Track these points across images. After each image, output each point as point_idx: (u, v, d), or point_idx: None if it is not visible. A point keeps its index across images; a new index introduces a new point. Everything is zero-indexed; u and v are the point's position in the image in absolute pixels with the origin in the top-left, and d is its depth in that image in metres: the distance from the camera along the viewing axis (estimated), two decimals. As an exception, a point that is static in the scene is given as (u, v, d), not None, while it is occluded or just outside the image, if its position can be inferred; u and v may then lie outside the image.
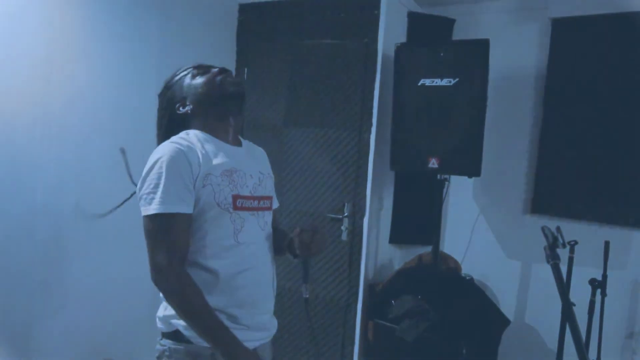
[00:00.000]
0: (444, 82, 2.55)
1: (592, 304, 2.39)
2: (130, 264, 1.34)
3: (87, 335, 2.47)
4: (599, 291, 2.39)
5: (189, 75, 1.49)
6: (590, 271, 2.42)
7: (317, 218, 2.98)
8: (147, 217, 1.31)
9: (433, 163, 2.60)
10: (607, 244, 2.41)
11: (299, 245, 1.45)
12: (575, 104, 2.77)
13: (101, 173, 2.47)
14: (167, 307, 1.37)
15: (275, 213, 1.61)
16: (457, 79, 2.53)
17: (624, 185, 2.64)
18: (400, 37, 2.94)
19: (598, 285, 2.39)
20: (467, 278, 2.89)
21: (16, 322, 2.22)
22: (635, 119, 2.62)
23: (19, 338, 2.24)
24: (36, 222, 2.25)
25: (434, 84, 2.57)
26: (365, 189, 2.84)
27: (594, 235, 2.57)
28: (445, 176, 2.77)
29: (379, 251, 3.02)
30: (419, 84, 2.60)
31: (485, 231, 3.06)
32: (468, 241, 3.08)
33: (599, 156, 2.70)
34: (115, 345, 2.54)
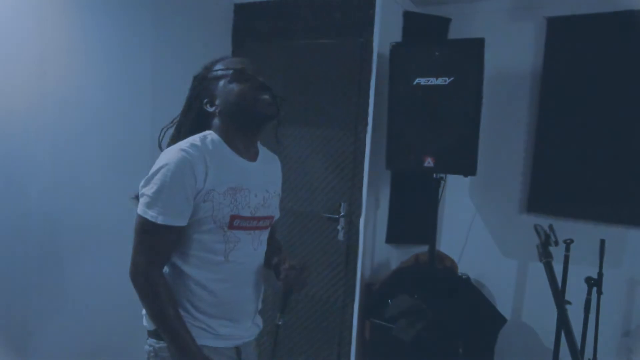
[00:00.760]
0: (440, 81, 2.55)
1: (588, 302, 2.39)
2: (126, 266, 1.34)
3: (84, 337, 2.46)
4: (595, 289, 2.39)
5: (228, 77, 1.43)
6: (586, 269, 2.42)
7: (313, 218, 2.97)
8: (142, 218, 1.32)
9: (429, 162, 2.60)
10: (602, 242, 2.41)
11: (284, 280, 1.44)
12: (570, 103, 2.77)
13: (96, 174, 2.46)
14: None
15: (275, 222, 1.61)
16: (453, 78, 2.53)
17: (619, 184, 2.65)
18: (396, 37, 2.94)
19: (594, 283, 2.39)
20: (463, 277, 2.89)
21: (13, 323, 2.22)
22: (631, 117, 2.62)
23: (17, 338, 2.23)
24: (30, 223, 2.24)
25: (430, 83, 2.56)
26: (362, 189, 2.84)
27: (589, 233, 2.57)
28: (442, 175, 2.78)
29: (376, 251, 3.01)
30: (415, 83, 2.59)
31: (481, 230, 3.06)
32: (464, 240, 3.09)
33: (595, 155, 2.71)
34: (111, 346, 2.53)
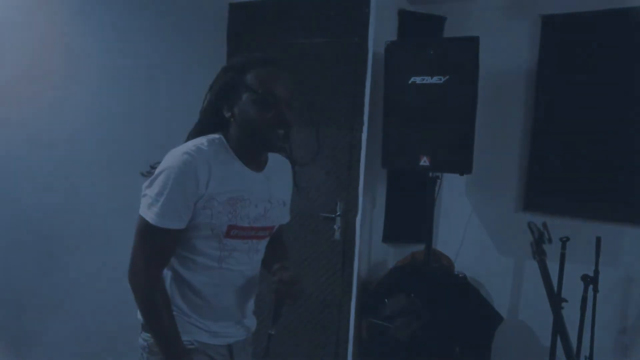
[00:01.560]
0: (435, 79, 2.55)
1: (584, 300, 2.39)
2: (123, 266, 1.34)
3: (82, 336, 2.46)
4: (591, 287, 2.39)
5: (252, 92, 1.38)
6: (582, 267, 2.42)
7: (310, 217, 2.97)
8: (142, 218, 1.33)
9: (424, 161, 2.60)
10: (598, 240, 2.41)
11: (276, 291, 1.43)
12: (566, 101, 2.77)
13: (90, 173, 2.46)
14: None
15: (282, 226, 1.63)
16: (448, 77, 2.53)
17: (615, 182, 2.65)
18: (391, 35, 2.93)
19: (590, 281, 2.39)
20: (460, 276, 2.89)
21: (12, 323, 2.22)
22: (627, 115, 2.62)
23: (17, 338, 2.23)
24: (26, 222, 2.24)
25: (425, 81, 2.56)
26: (358, 188, 2.83)
27: (585, 231, 2.56)
28: (438, 174, 2.77)
29: (372, 250, 3.01)
30: (410, 82, 2.59)
31: (478, 228, 3.06)
32: (461, 239, 3.08)
33: (591, 153, 2.70)
34: (110, 346, 2.53)
